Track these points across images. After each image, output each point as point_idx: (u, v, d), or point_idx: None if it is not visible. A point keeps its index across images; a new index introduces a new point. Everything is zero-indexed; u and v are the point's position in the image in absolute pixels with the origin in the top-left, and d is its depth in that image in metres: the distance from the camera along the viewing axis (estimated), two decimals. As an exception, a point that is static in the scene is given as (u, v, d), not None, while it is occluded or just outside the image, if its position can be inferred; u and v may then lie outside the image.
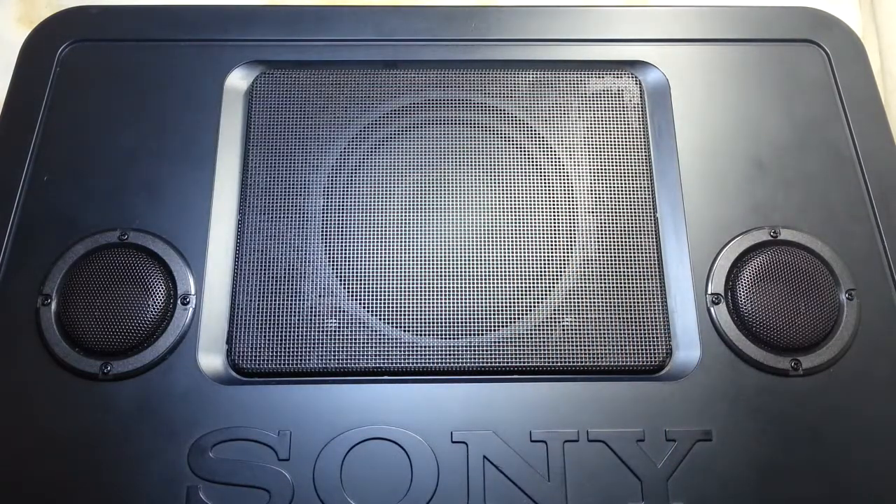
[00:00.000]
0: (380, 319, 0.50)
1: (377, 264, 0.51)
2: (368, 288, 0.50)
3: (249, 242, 0.51)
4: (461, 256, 0.51)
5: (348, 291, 0.50)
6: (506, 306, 0.50)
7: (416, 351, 0.49)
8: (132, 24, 0.58)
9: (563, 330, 0.49)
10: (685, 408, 0.47)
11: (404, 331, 0.49)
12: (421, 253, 0.51)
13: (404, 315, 0.50)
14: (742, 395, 0.47)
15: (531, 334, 0.49)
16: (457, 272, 0.51)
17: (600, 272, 0.51)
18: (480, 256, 0.51)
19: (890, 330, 0.50)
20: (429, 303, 0.50)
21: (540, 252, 0.51)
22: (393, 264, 0.51)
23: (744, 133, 0.55)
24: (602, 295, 0.50)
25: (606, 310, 0.50)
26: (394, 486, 0.45)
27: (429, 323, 0.49)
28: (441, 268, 0.51)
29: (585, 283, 0.51)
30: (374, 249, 0.51)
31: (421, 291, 0.50)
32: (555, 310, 0.50)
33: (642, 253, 0.52)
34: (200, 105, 0.55)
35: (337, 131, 0.55)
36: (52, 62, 0.56)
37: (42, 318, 0.48)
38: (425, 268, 0.51)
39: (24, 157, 0.53)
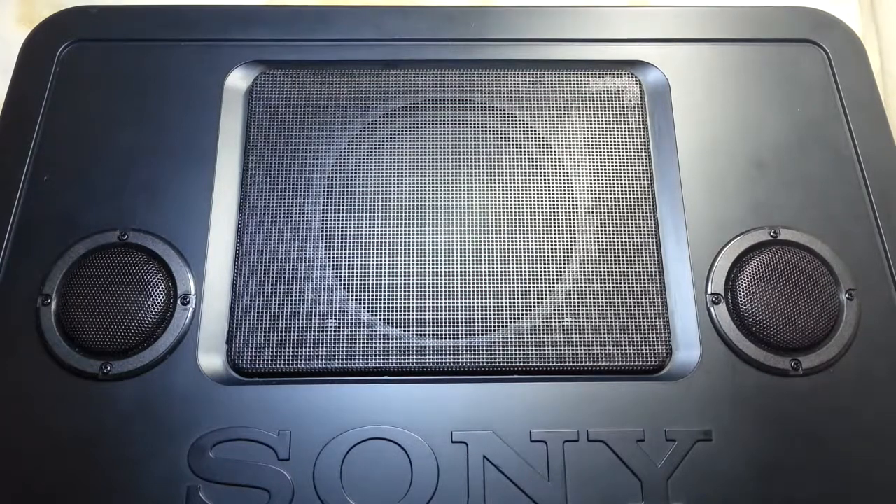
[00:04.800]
0: (380, 319, 0.50)
1: (377, 264, 0.51)
2: (368, 288, 0.50)
3: (249, 242, 0.51)
4: (461, 256, 0.51)
5: (348, 291, 0.50)
6: (506, 306, 0.50)
7: (416, 351, 0.49)
8: (132, 24, 0.58)
9: (563, 330, 0.49)
10: (685, 408, 0.47)
11: (404, 331, 0.49)
12: (421, 253, 0.51)
13: (404, 315, 0.50)
14: (742, 395, 0.47)
15: (531, 334, 0.49)
16: (457, 272, 0.51)
17: (600, 272, 0.51)
18: (480, 256, 0.51)
19: (890, 330, 0.50)
20: (429, 303, 0.50)
21: (540, 252, 0.51)
22: (393, 264, 0.51)
23: (744, 133, 0.55)
24: (602, 295, 0.50)
25: (606, 310, 0.50)
26: (394, 486, 0.45)
27: (429, 323, 0.49)
28: (441, 268, 0.51)
29: (585, 283, 0.51)
30: (374, 249, 0.51)
31: (421, 291, 0.50)
32: (555, 310, 0.50)
33: (642, 253, 0.52)
34: (200, 105, 0.55)
35: (337, 131, 0.55)
36: (52, 62, 0.56)
37: (42, 318, 0.48)
38: (425, 268, 0.51)
39: (24, 157, 0.53)
